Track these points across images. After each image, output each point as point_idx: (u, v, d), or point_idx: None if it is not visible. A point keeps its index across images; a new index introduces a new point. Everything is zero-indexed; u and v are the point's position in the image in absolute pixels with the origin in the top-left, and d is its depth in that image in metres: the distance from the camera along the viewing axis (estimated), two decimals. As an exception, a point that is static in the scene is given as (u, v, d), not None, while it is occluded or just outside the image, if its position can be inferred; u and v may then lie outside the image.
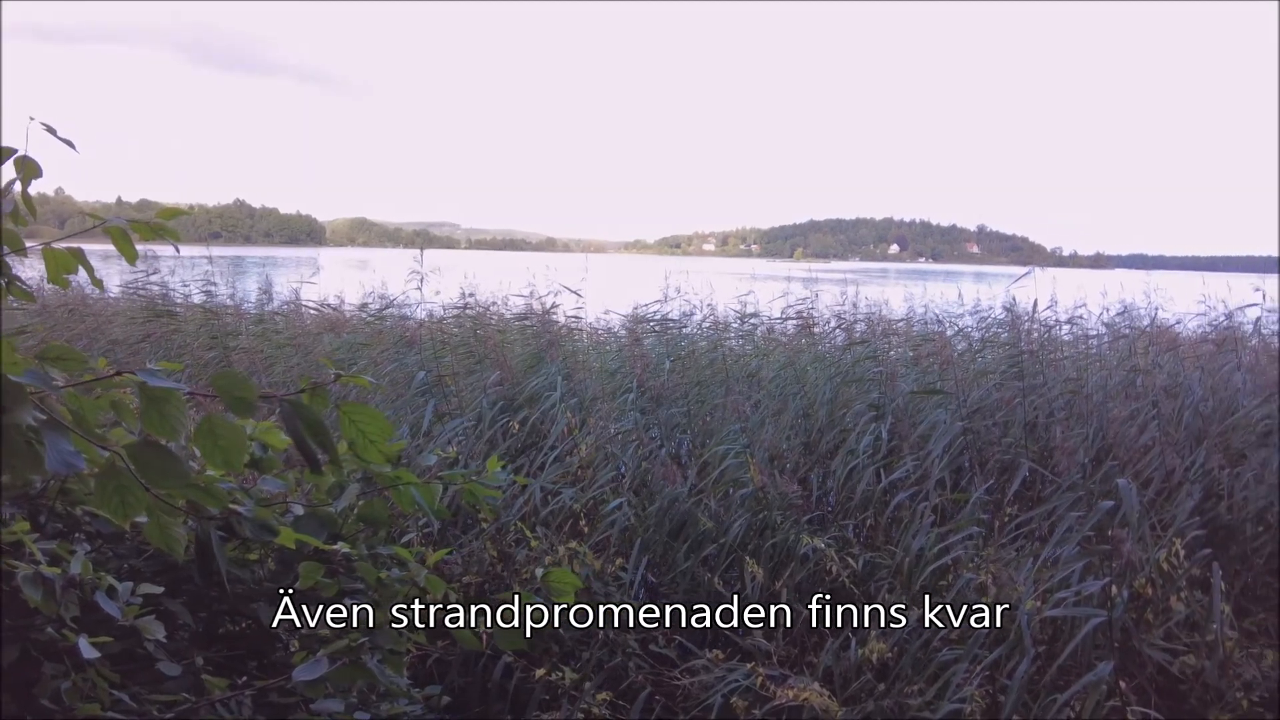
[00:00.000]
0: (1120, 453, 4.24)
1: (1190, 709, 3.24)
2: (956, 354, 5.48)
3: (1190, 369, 5.25)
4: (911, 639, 3.08)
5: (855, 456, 4.17)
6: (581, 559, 3.59)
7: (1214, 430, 4.42)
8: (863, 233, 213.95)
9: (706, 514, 3.91)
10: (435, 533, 3.86)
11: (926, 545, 3.44)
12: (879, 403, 4.62)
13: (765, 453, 4.31)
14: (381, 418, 1.39)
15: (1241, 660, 3.30)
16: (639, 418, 4.43)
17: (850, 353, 5.44)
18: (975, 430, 4.52)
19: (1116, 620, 3.09)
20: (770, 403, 4.98)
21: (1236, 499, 4.01)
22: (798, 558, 3.65)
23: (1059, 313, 5.81)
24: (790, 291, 6.98)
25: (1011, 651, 2.96)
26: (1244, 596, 3.88)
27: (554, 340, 5.09)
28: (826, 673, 3.16)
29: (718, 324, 6.04)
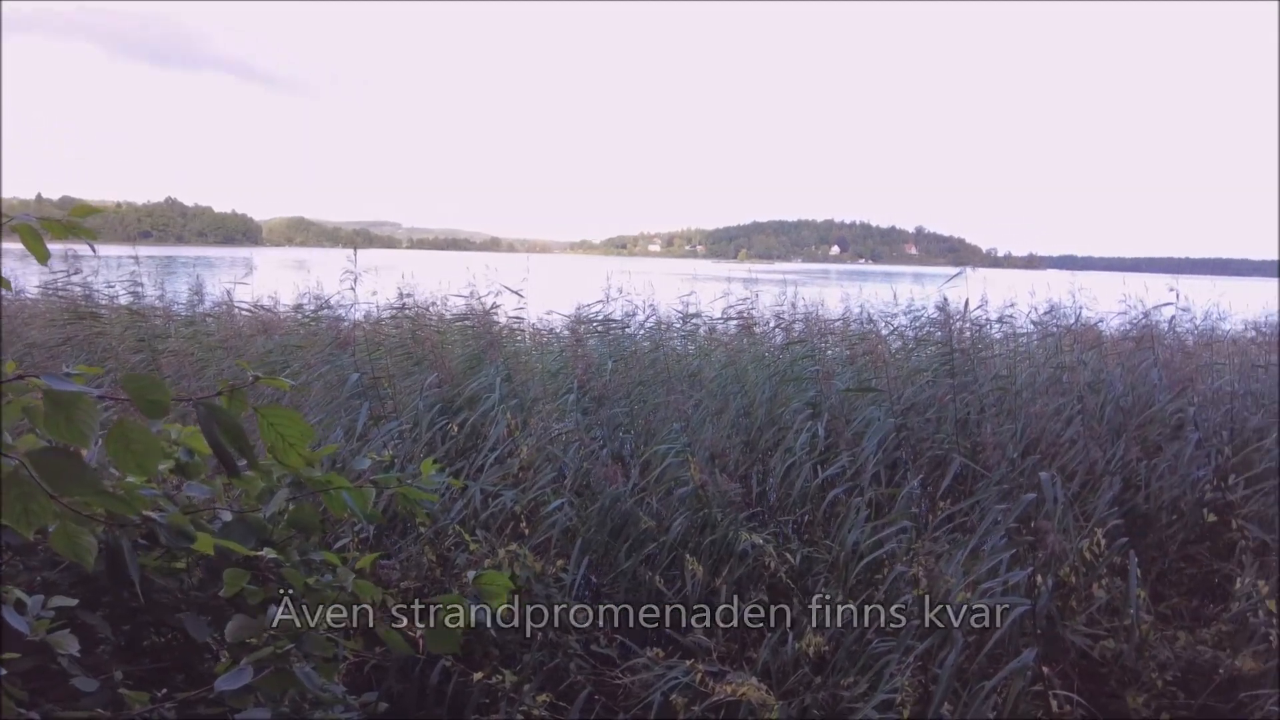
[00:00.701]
0: (1046, 447, 4.40)
1: (1109, 691, 3.37)
2: (891, 353, 5.60)
3: (1112, 365, 5.46)
4: (847, 632, 3.14)
5: (793, 454, 4.23)
6: (522, 561, 3.57)
7: (1132, 424, 4.61)
8: (804, 234, 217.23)
9: (648, 513, 3.93)
10: (372, 538, 3.79)
11: (861, 539, 3.51)
12: (816, 401, 4.70)
13: (706, 451, 4.34)
14: (301, 420, 1.36)
15: (1157, 642, 3.45)
16: (581, 418, 4.43)
17: (789, 352, 5.52)
18: (909, 427, 4.64)
19: (1041, 609, 3.21)
20: (711, 402, 5.03)
21: (1153, 489, 4.19)
22: (737, 554, 3.69)
23: (989, 312, 6.00)
24: (731, 292, 7.06)
25: (943, 641, 3.05)
26: (1160, 582, 4.05)
27: (494, 341, 5.05)
28: (765, 667, 3.20)
29: (660, 324, 6.07)
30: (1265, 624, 3.29)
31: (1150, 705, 3.23)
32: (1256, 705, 3.02)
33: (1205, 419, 4.59)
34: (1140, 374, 5.19)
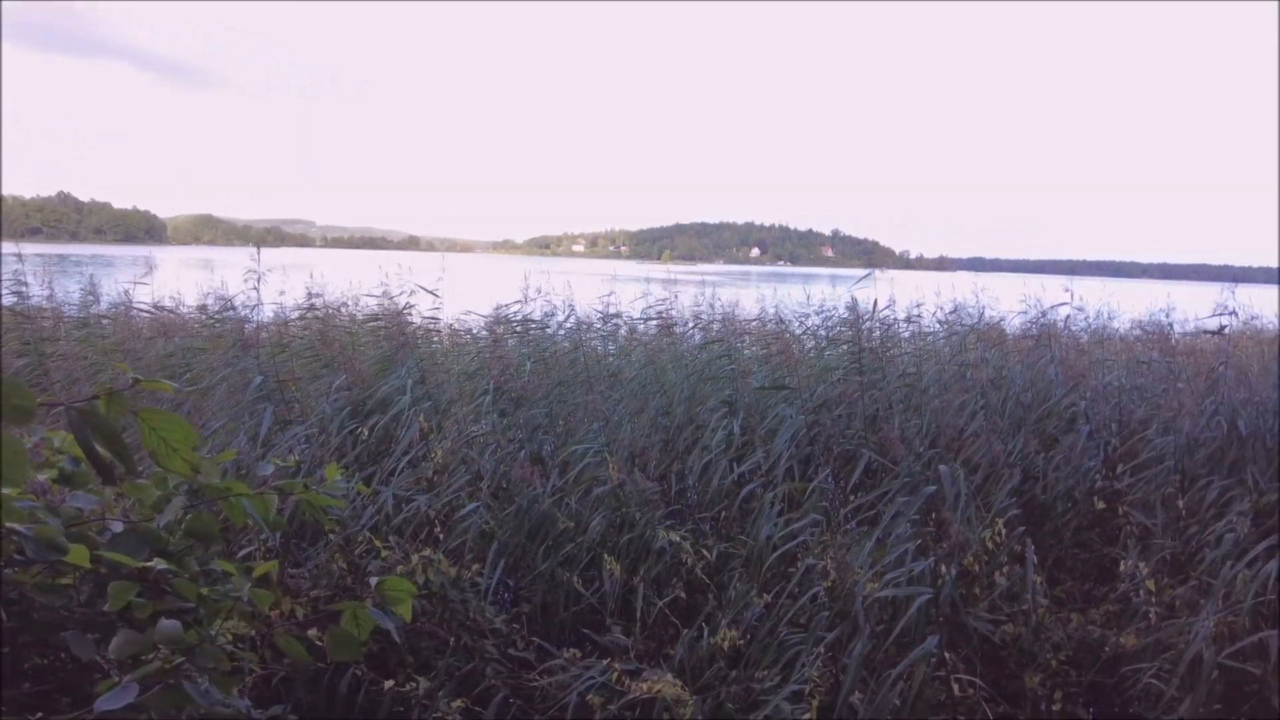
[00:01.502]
0: (950, 441, 4.57)
1: (1009, 672, 3.53)
2: (804, 352, 5.73)
3: (1013, 363, 5.72)
4: (760, 625, 3.19)
5: (709, 452, 4.29)
6: (436, 566, 3.51)
7: (1031, 418, 4.84)
8: (726, 236, 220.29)
9: (567, 514, 3.92)
10: (278, 546, 3.67)
11: (774, 533, 3.58)
12: (732, 399, 4.77)
13: (625, 451, 4.36)
14: (183, 424, 1.30)
15: (1052, 625, 3.64)
16: (498, 420, 4.38)
17: (707, 351, 5.59)
18: (821, 423, 4.75)
19: (945, 596, 3.33)
20: (632, 402, 5.05)
21: (1049, 479, 4.41)
22: (654, 552, 3.71)
23: (896, 312, 6.20)
24: (650, 293, 7.10)
25: (853, 632, 3.14)
26: (1056, 567, 4.26)
27: (407, 342, 4.94)
28: (682, 664, 3.24)
29: (581, 324, 6.05)
30: (1145, 603, 3.50)
31: (1046, 684, 3.40)
32: (1136, 678, 3.21)
33: (1096, 412, 4.85)
34: (1038, 370, 5.45)
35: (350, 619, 1.79)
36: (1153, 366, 5.60)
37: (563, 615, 3.70)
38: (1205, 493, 4.06)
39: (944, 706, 3.08)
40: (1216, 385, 4.79)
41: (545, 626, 3.73)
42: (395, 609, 1.85)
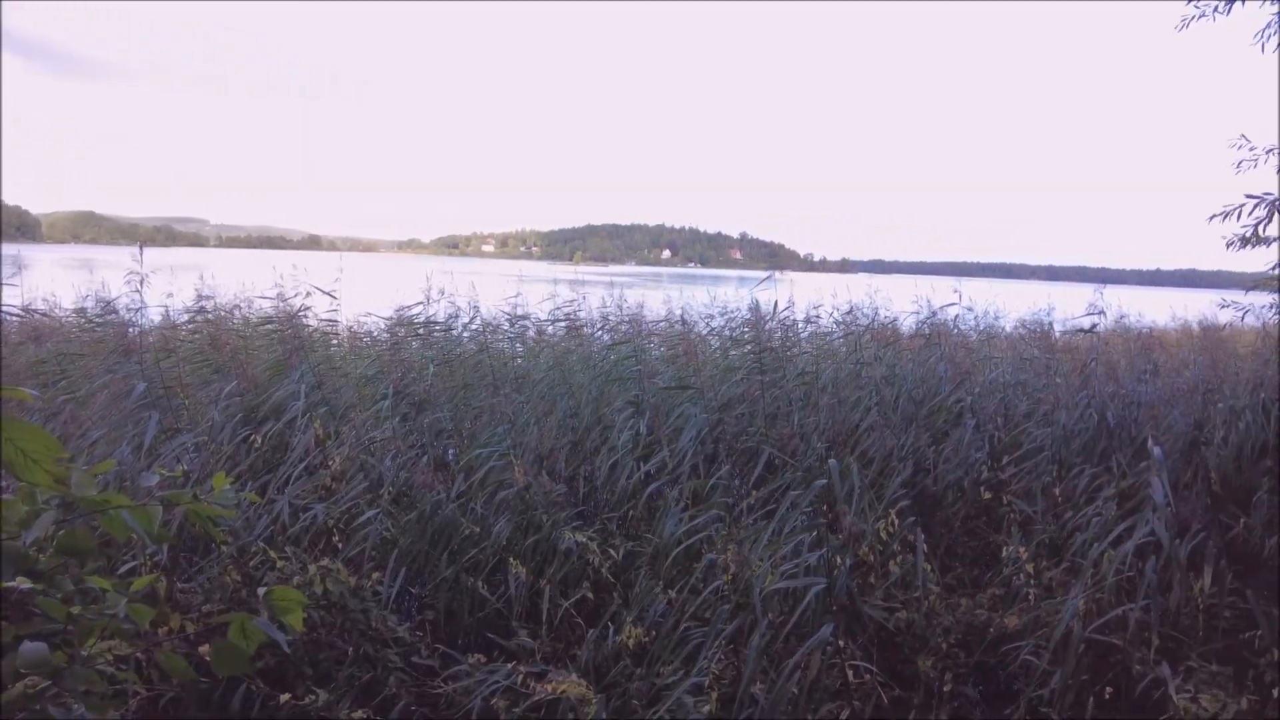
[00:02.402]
0: (847, 436, 4.74)
1: (903, 657, 3.69)
2: (709, 352, 5.84)
3: (905, 361, 5.97)
4: (665, 621, 3.24)
5: (616, 451, 4.32)
6: (335, 575, 3.42)
7: (922, 413, 5.07)
8: (637, 238, 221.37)
9: (472, 519, 3.88)
10: (166, 561, 3.50)
11: (678, 530, 3.64)
12: (639, 399, 4.82)
13: (532, 453, 4.34)
14: (43, 433, 1.24)
15: (943, 610, 3.82)
16: (399, 425, 4.30)
17: (615, 352, 5.62)
18: (725, 421, 4.85)
19: (841, 586, 3.45)
20: (540, 404, 5.04)
21: (939, 471, 4.63)
22: (561, 553, 3.72)
23: (795, 313, 6.39)
24: (557, 294, 7.09)
25: (755, 623, 3.22)
26: (947, 555, 4.47)
27: (302, 345, 4.79)
28: (589, 663, 3.25)
29: (487, 326, 5.99)
30: (1026, 585, 3.72)
31: (937, 667, 3.56)
32: (1016, 655, 3.41)
33: (982, 407, 5.12)
34: (929, 368, 5.71)
35: (237, 631, 1.73)
36: (1034, 363, 5.95)
37: (468, 621, 3.66)
38: (1078, 480, 4.34)
39: (841, 693, 3.19)
40: (1089, 380, 5.13)
41: (450, 633, 3.69)
42: (285, 619, 1.80)
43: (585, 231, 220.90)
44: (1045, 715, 3.14)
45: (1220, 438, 4.80)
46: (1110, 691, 3.30)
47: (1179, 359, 6.97)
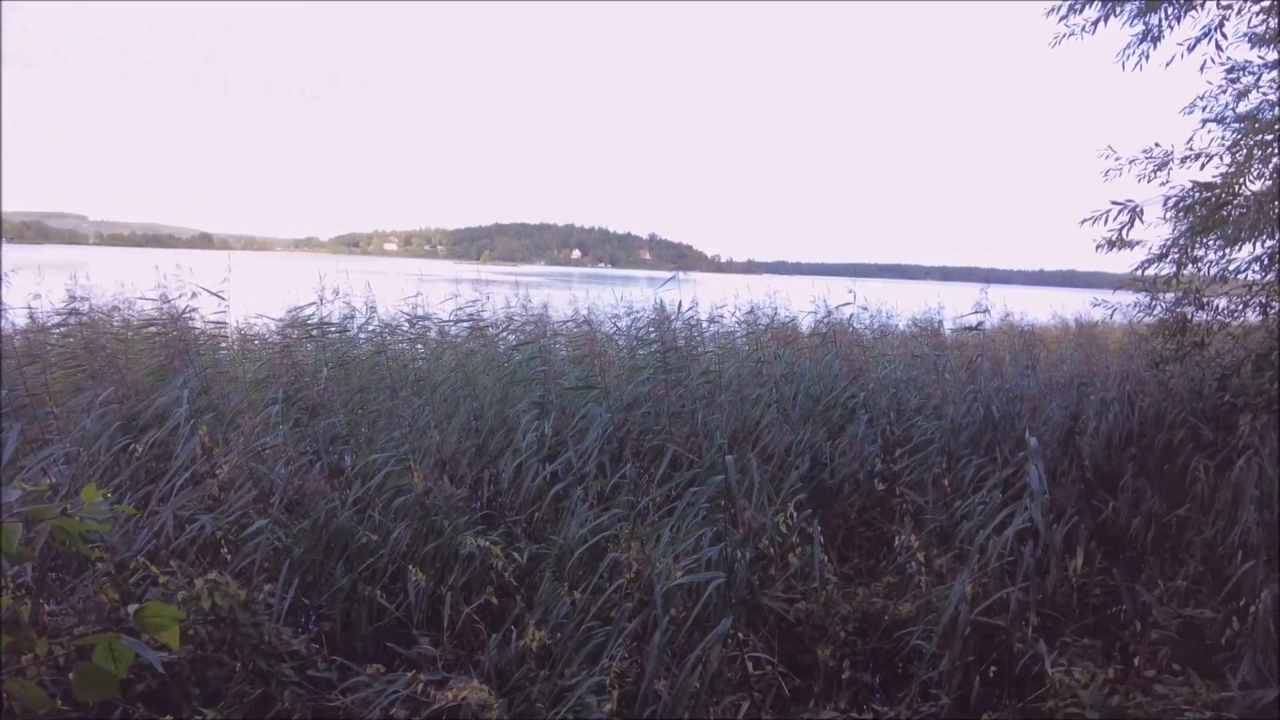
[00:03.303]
0: (748, 432, 4.84)
1: (804, 647, 3.79)
2: (616, 352, 5.86)
3: (804, 359, 6.14)
4: (569, 622, 3.23)
5: (520, 454, 4.28)
6: (223, 589, 3.27)
7: (819, 409, 5.22)
8: (546, 237, 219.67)
9: (370, 526, 3.78)
10: (32, 581, 3.26)
11: (583, 530, 3.64)
12: (544, 400, 4.79)
13: (433, 457, 4.26)
14: None
15: (840, 599, 3.94)
16: (290, 430, 4.14)
17: (519, 353, 5.57)
18: (631, 420, 4.88)
19: (741, 580, 3.52)
20: (442, 406, 4.94)
21: (835, 465, 4.78)
22: (462, 559, 3.66)
23: (700, 313, 6.49)
24: (460, 294, 6.96)
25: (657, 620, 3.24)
26: (844, 546, 4.62)
27: (187, 349, 4.55)
28: (492, 668, 3.21)
29: (385, 327, 5.83)
30: (918, 572, 3.89)
31: (836, 655, 3.67)
32: (907, 639, 3.56)
33: (875, 402, 5.31)
34: (826, 365, 5.89)
35: (104, 654, 1.63)
36: (924, 360, 6.21)
37: (366, 630, 3.56)
38: (965, 470, 4.56)
39: (742, 685, 3.25)
40: (975, 375, 5.40)
41: (348, 644, 3.58)
42: (161, 637, 1.70)
43: (493, 230, 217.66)
44: (935, 697, 3.28)
45: (1093, 428, 5.13)
46: (994, 670, 3.48)
47: (1057, 355, 7.42)
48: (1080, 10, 5.55)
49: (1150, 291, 5.87)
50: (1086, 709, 3.11)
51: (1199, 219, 5.12)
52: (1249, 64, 5.34)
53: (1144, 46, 5.42)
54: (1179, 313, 5.68)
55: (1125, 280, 6.01)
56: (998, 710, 3.29)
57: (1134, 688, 3.24)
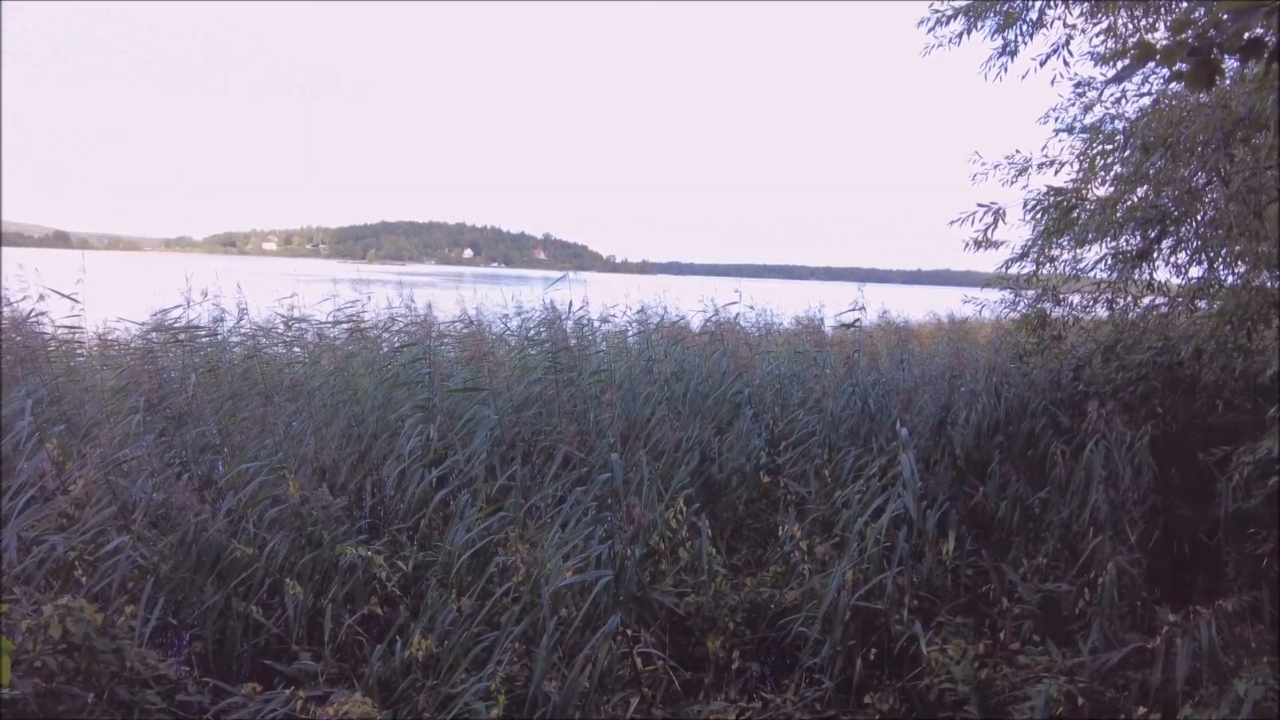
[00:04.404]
0: (639, 430, 4.87)
1: (695, 640, 3.84)
2: (506, 352, 5.77)
3: (693, 356, 6.23)
4: (456, 629, 3.17)
5: (404, 459, 4.16)
6: (77, 614, 3.03)
7: (707, 405, 5.31)
8: (436, 236, 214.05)
9: (243, 539, 3.59)
10: None
11: (470, 535, 3.57)
12: (428, 403, 4.67)
13: (311, 465, 4.09)
14: None
15: (729, 591, 4.02)
16: (155, 441, 3.88)
17: (403, 354, 5.41)
18: (522, 421, 4.83)
19: (630, 577, 3.54)
20: (321, 412, 4.75)
21: (723, 459, 4.87)
22: (344, 569, 3.53)
23: (591, 312, 6.48)
24: (338, 294, 6.70)
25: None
26: (733, 538, 4.71)
27: (32, 355, 4.19)
28: (376, 680, 3.11)
29: (259, 329, 5.54)
30: (801, 561, 4.01)
31: (725, 646, 3.74)
32: (789, 627, 3.66)
33: (760, 398, 5.45)
34: (714, 363, 6.00)
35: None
36: (806, 356, 6.41)
37: (242, 649, 3.39)
38: (845, 461, 4.73)
39: (632, 681, 3.27)
40: (853, 370, 5.61)
41: (222, 664, 3.40)
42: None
43: (379, 229, 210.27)
44: (819, 681, 3.39)
45: (963, 418, 5.43)
46: (875, 653, 3.62)
47: (931, 350, 7.81)
48: (946, 23, 5.85)
49: (1013, 289, 6.27)
50: (959, 683, 3.29)
51: (1053, 221, 5.49)
52: (1093, 80, 5.77)
53: (1003, 60, 5.76)
54: (1039, 309, 6.08)
55: (991, 278, 6.40)
56: (879, 691, 3.44)
57: (1000, 660, 3.45)
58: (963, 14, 5.73)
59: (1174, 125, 4.28)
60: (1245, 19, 1.89)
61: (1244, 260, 5.21)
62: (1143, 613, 3.86)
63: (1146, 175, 4.91)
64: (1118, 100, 5.65)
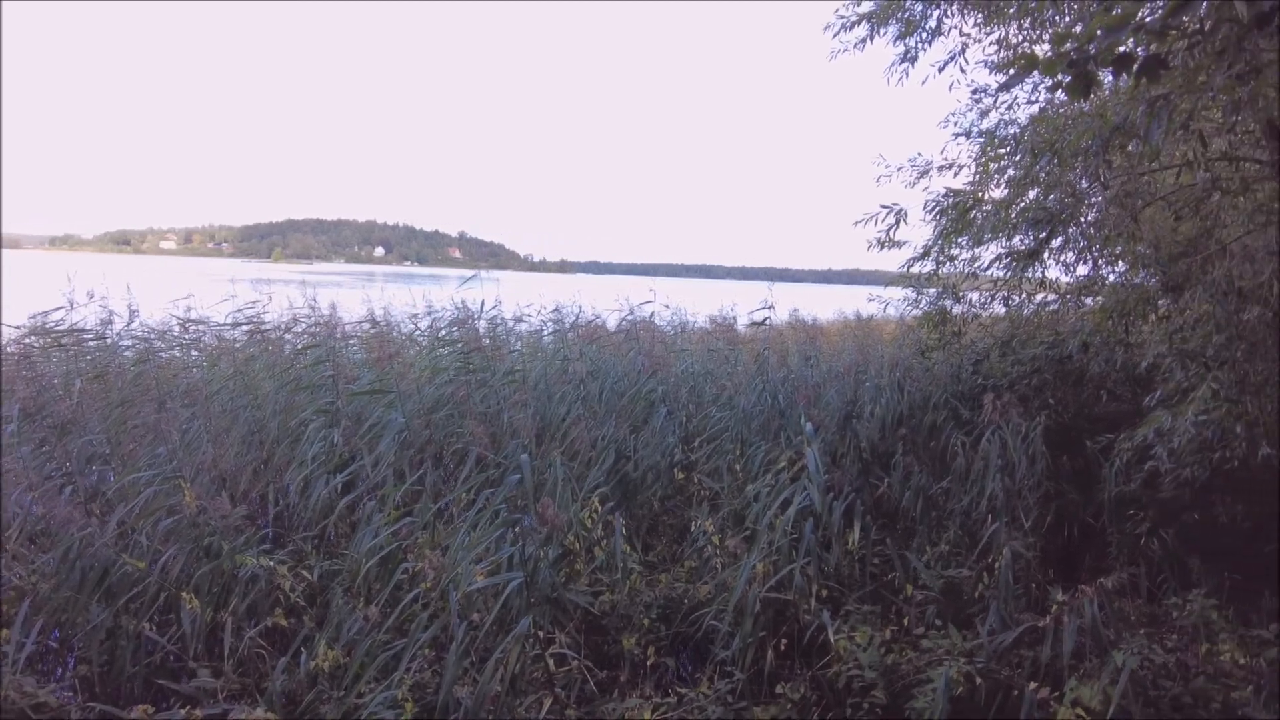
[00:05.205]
0: (555, 430, 4.84)
1: (611, 639, 3.84)
2: (417, 353, 5.65)
3: (609, 356, 6.23)
4: (363, 637, 3.08)
5: (306, 466, 4.02)
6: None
7: (622, 404, 5.32)
8: (346, 234, 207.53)
9: (136, 553, 3.41)
10: None
11: (377, 542, 3.48)
12: (332, 407, 4.52)
13: (208, 474, 3.91)
14: None
15: (644, 588, 4.04)
16: (34, 452, 3.64)
17: (306, 356, 5.22)
18: (434, 424, 4.73)
19: (544, 578, 3.51)
20: (220, 418, 4.55)
21: (639, 457, 4.89)
22: (244, 581, 3.39)
23: (505, 312, 6.41)
24: (237, 295, 6.42)
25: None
26: (649, 534, 4.74)
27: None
28: (279, 694, 3.00)
29: (152, 332, 5.26)
30: (714, 556, 4.06)
31: (640, 643, 3.75)
32: (700, 621, 3.71)
33: (675, 395, 5.50)
34: (629, 361, 6.02)
35: None
36: (719, 354, 6.51)
37: (133, 670, 3.21)
38: (756, 455, 4.82)
39: (546, 683, 3.25)
40: (764, 367, 5.73)
41: (112, 687, 3.22)
42: None
43: (286, 226, 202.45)
44: (730, 673, 3.44)
45: (868, 412, 5.61)
46: (785, 643, 3.70)
47: (838, 347, 8.03)
48: (850, 29, 6.02)
49: (916, 287, 6.50)
50: (866, 669, 3.39)
51: (951, 222, 5.72)
52: (988, 87, 6.05)
53: (905, 65, 5.97)
54: (940, 306, 6.34)
55: (895, 277, 6.63)
56: (790, 680, 3.51)
57: (905, 645, 3.58)
58: (866, 20, 5.91)
59: (1059, 132, 4.51)
60: (1116, 35, 2.01)
61: (1124, 259, 5.55)
62: (1037, 593, 4.07)
63: (1036, 179, 5.16)
64: (1010, 107, 5.93)
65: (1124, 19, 1.95)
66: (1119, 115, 3.67)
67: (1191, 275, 4.43)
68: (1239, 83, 2.98)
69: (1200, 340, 4.40)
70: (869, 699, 3.30)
